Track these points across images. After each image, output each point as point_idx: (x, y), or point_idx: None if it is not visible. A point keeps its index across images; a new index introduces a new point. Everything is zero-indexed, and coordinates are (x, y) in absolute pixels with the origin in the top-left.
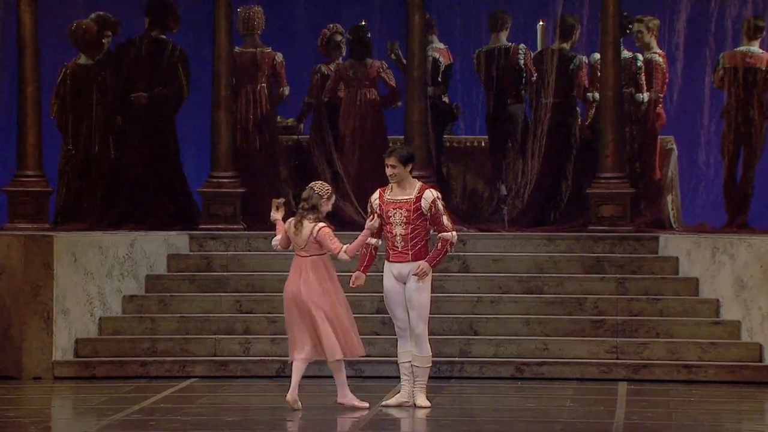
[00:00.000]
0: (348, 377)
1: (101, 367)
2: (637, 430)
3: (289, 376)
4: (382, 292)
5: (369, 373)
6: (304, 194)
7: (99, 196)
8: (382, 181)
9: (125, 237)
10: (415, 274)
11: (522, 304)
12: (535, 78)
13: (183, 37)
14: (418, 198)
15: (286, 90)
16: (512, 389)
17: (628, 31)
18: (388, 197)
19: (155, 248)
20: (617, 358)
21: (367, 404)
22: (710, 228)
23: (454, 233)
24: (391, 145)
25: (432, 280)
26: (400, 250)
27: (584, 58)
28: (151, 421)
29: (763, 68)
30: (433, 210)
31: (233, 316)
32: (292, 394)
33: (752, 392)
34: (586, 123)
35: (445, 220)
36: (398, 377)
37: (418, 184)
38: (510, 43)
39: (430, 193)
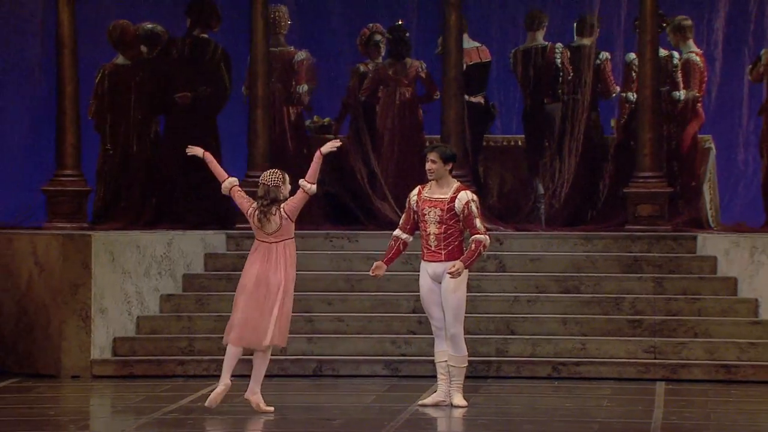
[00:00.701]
0: (384, 376)
1: (139, 366)
2: (675, 431)
3: (327, 375)
4: (418, 292)
5: (405, 372)
6: (260, 192)
7: (136, 195)
8: (420, 181)
9: (162, 236)
10: (449, 273)
11: (559, 303)
12: (571, 76)
13: (215, 37)
14: (453, 198)
15: (304, 87)
16: (549, 389)
17: (660, 30)
18: (426, 195)
19: (192, 247)
20: (655, 358)
21: (272, 409)
22: (749, 227)
23: (487, 236)
24: (428, 144)
25: (468, 280)
26: (433, 249)
27: (608, 55)
28: (189, 420)
29: None
30: (465, 211)
31: None
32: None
33: None
34: (621, 122)
35: (477, 222)
36: (435, 376)
37: (456, 184)
38: (547, 42)
39: (465, 195)
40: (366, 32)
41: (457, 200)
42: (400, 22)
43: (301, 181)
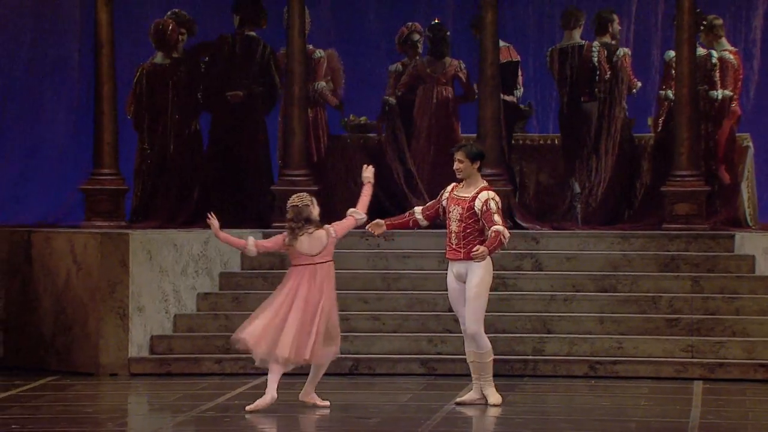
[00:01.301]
0: (420, 375)
1: (176, 364)
2: (713, 430)
3: (363, 374)
4: None
5: (441, 371)
6: (290, 215)
7: (174, 194)
8: (456, 179)
9: (199, 235)
10: (473, 254)
11: (596, 302)
12: (608, 76)
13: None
14: (474, 197)
15: (321, 84)
16: (586, 388)
17: (701, 28)
18: (455, 193)
19: (229, 246)
20: (692, 357)
21: (327, 403)
22: None
23: (507, 231)
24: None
25: (491, 281)
26: (454, 246)
27: (628, 51)
28: (226, 417)
29: None
30: (484, 208)
31: None
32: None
33: None
34: (660, 119)
35: (496, 217)
36: (470, 375)
37: (481, 184)
38: (583, 41)
39: (486, 194)
40: (404, 31)
41: (477, 200)
42: (436, 21)
43: (352, 210)
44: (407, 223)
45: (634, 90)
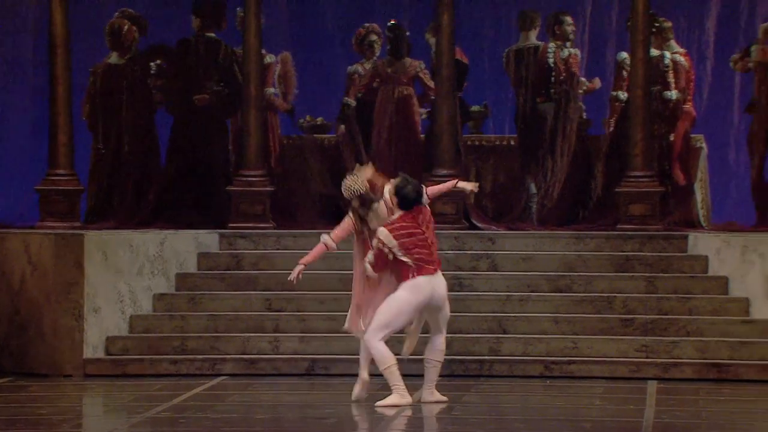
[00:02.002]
0: (376, 375)
1: (132, 365)
2: (667, 429)
3: (319, 374)
4: None
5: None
6: (356, 204)
7: (129, 194)
8: (416, 179)
9: (155, 235)
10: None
11: (551, 302)
12: (564, 77)
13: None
14: None
15: (268, 91)
16: (541, 388)
17: (654, 31)
18: None
19: (185, 247)
20: (647, 357)
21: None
22: (740, 226)
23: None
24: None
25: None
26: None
27: (576, 51)
28: (182, 418)
29: None
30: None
31: (263, 315)
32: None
33: None
34: (612, 120)
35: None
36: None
37: None
38: (539, 42)
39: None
40: (361, 32)
41: None
42: (392, 22)
43: (450, 183)
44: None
45: (582, 89)
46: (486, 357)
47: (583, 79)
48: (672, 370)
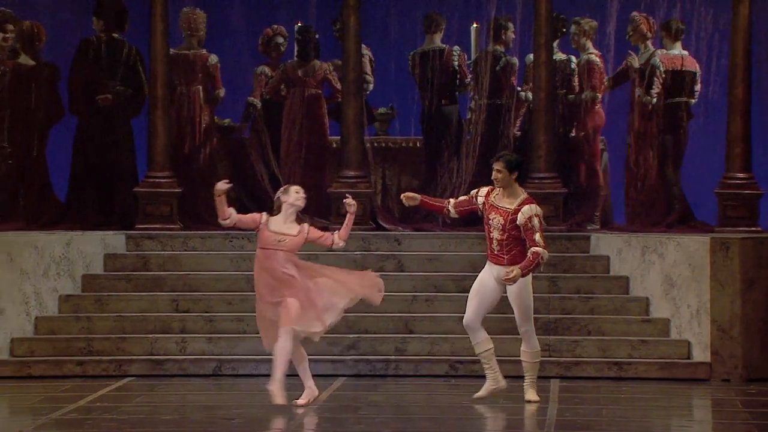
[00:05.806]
0: (288, 376)
1: (37, 367)
2: (569, 427)
3: (226, 375)
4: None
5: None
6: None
7: (35, 195)
8: (325, 182)
9: (61, 237)
10: (505, 279)
11: (457, 302)
12: (469, 80)
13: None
14: (517, 210)
15: (222, 92)
16: (446, 387)
17: (560, 34)
18: (493, 200)
19: (92, 248)
20: (550, 356)
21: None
22: (640, 227)
23: (546, 252)
24: (334, 145)
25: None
26: (496, 252)
27: (513, 59)
28: (88, 420)
29: (693, 70)
30: (528, 225)
31: (170, 316)
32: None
33: (680, 389)
34: (516, 121)
35: (537, 237)
36: (327, 375)
37: (523, 196)
38: (444, 45)
39: (529, 209)
40: (269, 32)
41: (520, 213)
42: (299, 24)
43: (334, 234)
44: (440, 209)
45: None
46: (392, 357)
47: (529, 93)
48: (574, 368)
